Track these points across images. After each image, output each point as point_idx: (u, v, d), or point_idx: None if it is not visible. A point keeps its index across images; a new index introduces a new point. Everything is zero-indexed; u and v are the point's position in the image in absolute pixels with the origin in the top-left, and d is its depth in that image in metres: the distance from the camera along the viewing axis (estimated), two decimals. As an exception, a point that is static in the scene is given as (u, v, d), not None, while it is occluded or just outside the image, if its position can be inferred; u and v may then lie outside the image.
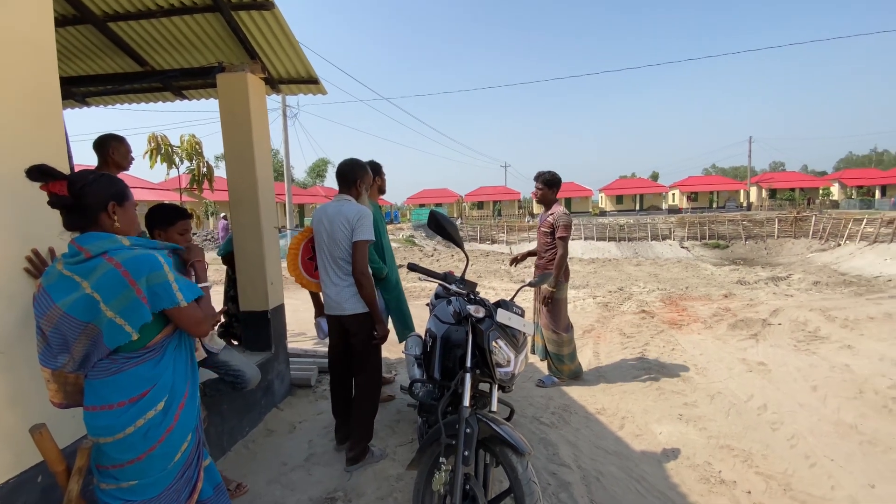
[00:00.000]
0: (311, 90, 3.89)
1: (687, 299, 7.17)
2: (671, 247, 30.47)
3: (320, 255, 2.59)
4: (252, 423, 3.27)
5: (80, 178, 1.48)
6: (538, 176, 3.92)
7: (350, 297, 2.52)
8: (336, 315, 2.61)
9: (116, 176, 1.62)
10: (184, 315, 1.55)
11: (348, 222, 2.46)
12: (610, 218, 39.61)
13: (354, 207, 2.51)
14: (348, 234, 2.48)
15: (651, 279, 10.20)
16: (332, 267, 2.54)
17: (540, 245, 3.99)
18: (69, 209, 1.46)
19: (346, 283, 2.53)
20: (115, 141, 3.06)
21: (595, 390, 3.83)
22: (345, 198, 2.59)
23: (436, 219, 2.03)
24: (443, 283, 2.09)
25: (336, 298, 2.54)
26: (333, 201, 2.60)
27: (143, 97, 4.07)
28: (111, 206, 1.50)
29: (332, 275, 2.55)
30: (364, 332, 2.60)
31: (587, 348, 4.93)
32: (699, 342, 5.00)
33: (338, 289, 2.53)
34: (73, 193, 1.45)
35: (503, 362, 1.94)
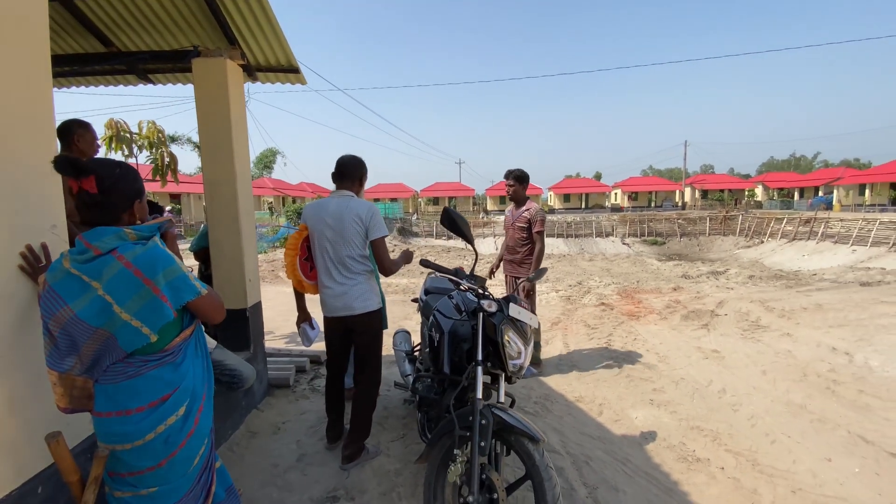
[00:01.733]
0: (290, 79, 3.75)
1: (640, 292, 7.64)
2: (614, 243, 32.14)
3: (321, 255, 2.52)
4: (233, 425, 3.14)
5: (107, 173, 1.37)
6: (509, 173, 4.06)
7: (359, 295, 2.49)
8: (341, 316, 2.55)
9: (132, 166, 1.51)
10: (206, 302, 1.49)
11: (361, 220, 2.42)
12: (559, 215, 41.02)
13: (364, 204, 2.48)
14: (362, 232, 2.44)
15: (604, 274, 10.74)
16: (338, 267, 2.48)
17: (513, 241, 4.11)
18: (94, 205, 1.35)
19: (353, 282, 2.49)
20: (80, 128, 2.84)
21: (570, 379, 4.02)
22: (346, 194, 2.55)
23: (449, 216, 2.05)
24: (454, 278, 2.12)
25: (343, 299, 2.49)
26: (334, 198, 2.54)
27: (104, 80, 3.75)
28: (136, 204, 1.42)
29: (336, 275, 2.49)
30: (373, 330, 2.58)
31: (557, 340, 5.14)
32: (657, 332, 5.36)
33: (344, 288, 2.49)
34: (101, 190, 1.34)
35: (515, 354, 2.01)
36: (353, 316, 2.53)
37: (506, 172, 4.10)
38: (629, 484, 2.50)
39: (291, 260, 2.56)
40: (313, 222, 2.53)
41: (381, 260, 2.45)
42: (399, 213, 36.74)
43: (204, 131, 3.23)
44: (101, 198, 1.34)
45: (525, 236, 4.03)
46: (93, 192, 1.32)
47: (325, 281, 2.54)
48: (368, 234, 2.45)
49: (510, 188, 4.07)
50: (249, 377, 2.41)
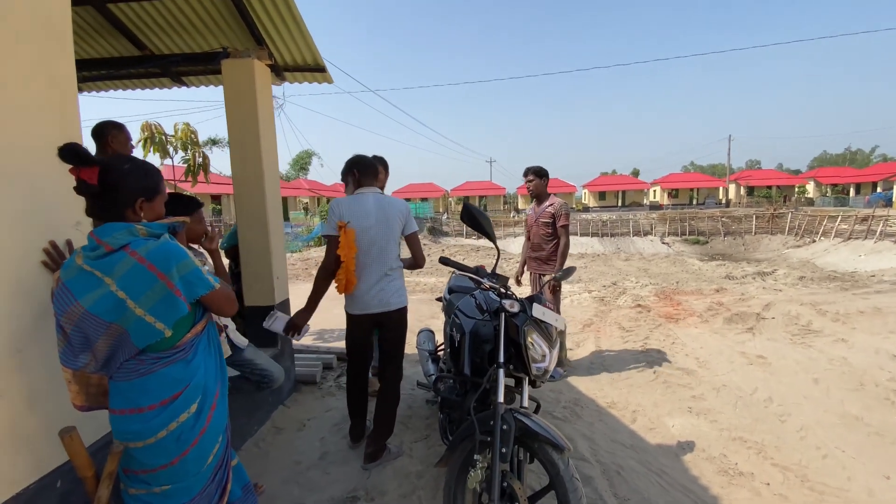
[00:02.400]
0: (316, 79, 3.77)
1: (680, 294, 7.29)
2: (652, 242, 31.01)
3: (367, 252, 2.46)
4: (260, 421, 3.18)
5: (113, 166, 1.38)
6: (528, 170, 3.96)
7: (396, 291, 2.52)
8: (373, 313, 2.51)
9: (155, 167, 1.52)
10: (219, 296, 1.48)
11: (402, 215, 2.49)
12: (593, 214, 40.05)
13: (401, 200, 2.54)
14: (401, 227, 2.50)
15: (641, 274, 10.34)
16: (383, 262, 2.48)
17: (537, 237, 4.01)
18: (95, 197, 1.36)
19: (392, 277, 2.54)
20: (114, 129, 2.93)
21: (602, 383, 3.85)
22: (376, 190, 2.55)
23: (470, 212, 1.98)
24: (475, 277, 2.05)
25: (381, 295, 2.48)
26: (368, 194, 2.50)
27: (139, 83, 3.89)
28: (139, 202, 1.41)
29: (378, 271, 2.48)
30: (404, 325, 2.61)
31: (589, 342, 4.96)
32: (697, 336, 5.08)
33: (383, 284, 2.48)
34: (102, 182, 1.35)
35: (538, 357, 1.91)
36: (389, 312, 2.51)
37: (525, 169, 4.00)
38: (664, 497, 2.34)
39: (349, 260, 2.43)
40: (357, 219, 2.45)
41: (416, 253, 2.52)
42: (429, 212, 36.88)
43: (233, 131, 3.29)
44: (101, 190, 1.34)
45: (550, 232, 3.93)
46: (91, 182, 1.32)
47: (366, 277, 2.48)
48: (405, 229, 2.50)
49: (530, 184, 3.98)
50: (279, 377, 2.42)
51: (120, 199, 1.38)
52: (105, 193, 1.36)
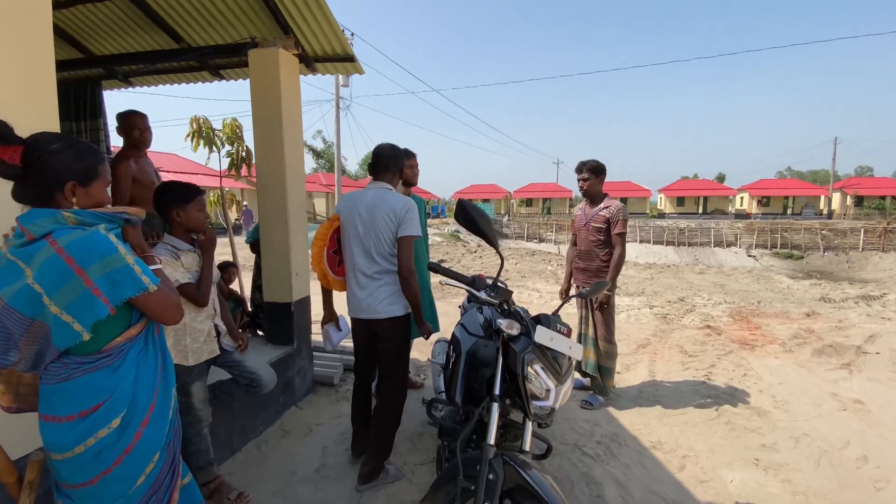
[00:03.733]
0: (347, 69, 3.62)
1: (760, 315, 6.34)
2: (736, 254, 28.23)
3: (350, 250, 2.29)
4: (267, 421, 3.07)
5: (39, 144, 1.24)
6: (581, 166, 3.44)
7: (385, 297, 2.23)
8: (365, 319, 2.30)
9: (93, 146, 1.38)
10: (154, 300, 1.29)
11: (395, 214, 2.18)
12: (669, 221, 37.37)
13: (400, 198, 2.23)
14: (393, 228, 2.20)
15: (716, 290, 9.24)
16: (366, 263, 2.24)
17: (586, 244, 3.49)
18: (18, 179, 1.23)
19: (380, 282, 2.24)
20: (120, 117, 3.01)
21: (650, 417, 3.32)
22: (384, 186, 2.30)
23: (464, 209, 1.66)
24: (469, 289, 1.73)
25: (368, 300, 2.24)
26: (371, 189, 2.30)
27: (182, 77, 3.99)
28: (69, 186, 1.25)
29: (364, 273, 2.25)
30: (397, 337, 2.31)
31: (641, 365, 4.38)
32: (777, 368, 4.31)
33: (370, 289, 2.23)
34: (25, 163, 1.21)
35: (540, 393, 1.55)
36: (378, 320, 2.26)
37: (578, 165, 3.49)
38: (707, 579, 1.86)
39: (318, 250, 2.36)
40: (346, 213, 2.31)
41: (401, 258, 2.15)
42: (490, 213, 36.38)
43: (257, 123, 3.21)
44: (22, 171, 1.19)
45: (601, 239, 3.40)
46: (12, 163, 1.17)
47: (351, 278, 2.31)
48: (399, 230, 2.18)
49: (583, 182, 3.45)
50: (268, 383, 2.26)
51: (46, 181, 1.24)
52: (29, 175, 1.22)
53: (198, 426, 2.16)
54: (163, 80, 4.05)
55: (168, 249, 2.02)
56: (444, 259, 12.05)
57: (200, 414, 2.15)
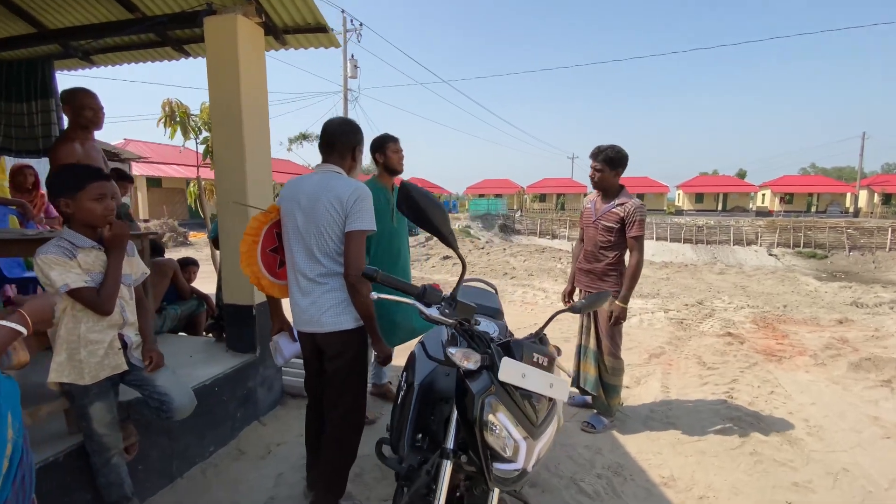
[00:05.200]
0: (321, 41, 3.21)
1: (787, 322, 5.79)
2: (757, 253, 27.28)
3: (289, 248, 1.89)
4: (220, 440, 2.70)
5: None
6: (596, 152, 2.95)
7: (331, 306, 1.81)
8: (309, 332, 1.91)
9: None
10: None
11: (340, 204, 1.75)
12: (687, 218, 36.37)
13: (349, 184, 1.78)
14: (339, 220, 1.77)
15: (738, 292, 8.64)
16: (308, 264, 1.83)
17: (593, 244, 3.01)
18: None
19: (325, 287, 1.82)
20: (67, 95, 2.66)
21: (661, 444, 2.87)
22: (332, 169, 1.87)
23: (409, 196, 1.21)
24: (415, 304, 1.30)
25: (311, 310, 1.83)
26: (316, 173, 1.89)
27: (145, 54, 3.63)
28: None
29: (304, 275, 1.84)
30: (347, 356, 1.88)
31: (654, 379, 3.91)
32: (809, 385, 3.80)
33: (314, 296, 1.82)
34: None
35: (504, 451, 1.13)
36: (322, 334, 1.85)
37: (593, 150, 2.98)
38: None
39: (248, 248, 1.95)
40: (286, 203, 1.90)
41: (348, 260, 1.73)
42: (502, 209, 35.76)
43: (214, 102, 2.83)
44: None
45: (612, 239, 2.92)
46: None
47: (293, 282, 1.90)
48: (347, 223, 1.75)
49: (596, 173, 2.94)
50: (181, 407, 1.88)
51: None
52: None
53: (105, 455, 1.80)
54: (126, 58, 3.69)
55: (61, 247, 1.65)
56: (450, 255, 11.62)
57: (106, 440, 1.79)
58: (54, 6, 3.16)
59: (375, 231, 1.80)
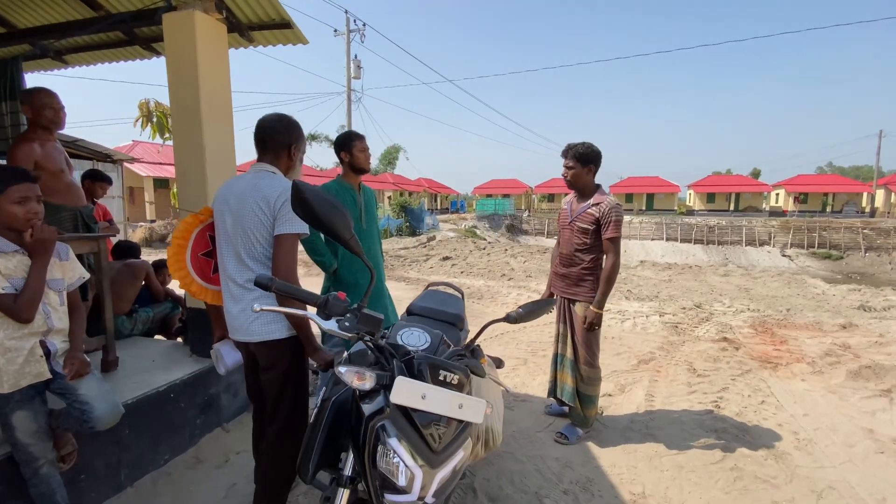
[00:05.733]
0: (287, 38, 3.13)
1: (788, 327, 5.57)
2: (770, 254, 26.77)
3: (220, 252, 1.80)
4: (176, 448, 2.62)
5: None
6: (566, 149, 2.83)
7: (259, 315, 1.71)
8: (239, 341, 1.82)
9: None
10: None
11: (268, 205, 1.64)
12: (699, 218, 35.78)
13: (279, 184, 1.67)
14: (266, 223, 1.66)
15: (740, 294, 8.39)
16: (237, 269, 1.73)
17: (568, 247, 2.87)
18: None
19: (254, 294, 1.71)
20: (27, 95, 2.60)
21: (637, 457, 2.73)
22: (265, 168, 1.77)
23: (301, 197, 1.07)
24: (310, 315, 1.18)
25: (241, 318, 1.73)
26: (249, 172, 1.79)
27: (116, 54, 3.59)
28: None
29: (234, 281, 1.75)
30: (279, 368, 1.77)
31: (639, 386, 3.76)
32: (803, 394, 3.62)
33: (244, 303, 1.72)
34: None
35: (398, 481, 1.02)
36: (254, 344, 1.76)
37: (565, 147, 2.86)
38: None
39: (176, 252, 1.86)
40: (217, 205, 1.81)
41: (276, 265, 1.63)
42: (510, 209, 35.53)
43: (173, 101, 2.76)
44: None
45: (588, 242, 2.79)
46: None
47: (224, 288, 1.81)
48: (276, 226, 1.65)
49: (568, 171, 2.83)
50: (102, 416, 1.79)
51: None
52: None
53: (33, 465, 1.73)
54: (98, 58, 3.66)
55: None
56: (449, 256, 11.51)
57: (32, 450, 1.72)
58: (21, 5, 3.12)
59: (308, 234, 1.70)
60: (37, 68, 3.78)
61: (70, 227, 2.87)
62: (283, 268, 1.61)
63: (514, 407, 3.33)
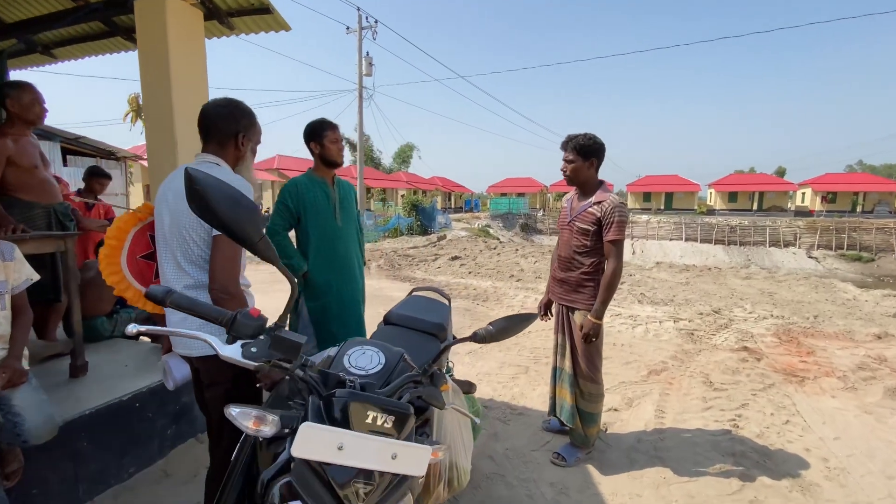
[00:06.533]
0: (269, 24, 2.94)
1: (815, 335, 5.18)
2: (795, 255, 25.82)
3: (160, 255, 1.61)
4: (143, 461, 2.46)
5: None
6: (566, 141, 2.56)
7: (199, 326, 1.51)
8: (184, 354, 1.63)
9: None
10: None
11: None
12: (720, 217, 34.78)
13: (222, 176, 1.47)
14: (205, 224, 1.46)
15: (764, 299, 7.95)
16: (174, 274, 1.54)
17: (567, 249, 2.61)
18: None
19: None
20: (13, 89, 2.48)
21: (643, 484, 2.46)
22: (208, 159, 1.57)
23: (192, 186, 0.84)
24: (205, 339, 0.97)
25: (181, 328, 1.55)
26: (191, 165, 1.59)
27: (101, 46, 3.47)
28: None
29: (173, 286, 1.56)
30: (221, 386, 1.57)
31: (649, 400, 3.47)
32: (834, 414, 3.28)
33: (182, 314, 1.54)
34: None
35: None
36: (195, 357, 1.57)
37: (565, 139, 2.57)
38: None
39: (109, 253, 1.67)
40: (157, 202, 1.61)
41: (213, 270, 1.43)
42: (524, 208, 35.06)
43: (144, 93, 2.60)
44: None
45: (588, 244, 2.52)
46: None
47: None
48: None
49: (567, 165, 2.54)
50: (34, 430, 1.63)
51: None
52: None
53: None
54: (84, 51, 3.55)
55: None
56: (458, 256, 11.26)
57: None
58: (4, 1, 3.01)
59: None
60: (27, 64, 3.69)
61: (42, 225, 2.74)
62: (219, 274, 1.40)
63: (510, 421, 3.09)
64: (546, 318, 2.84)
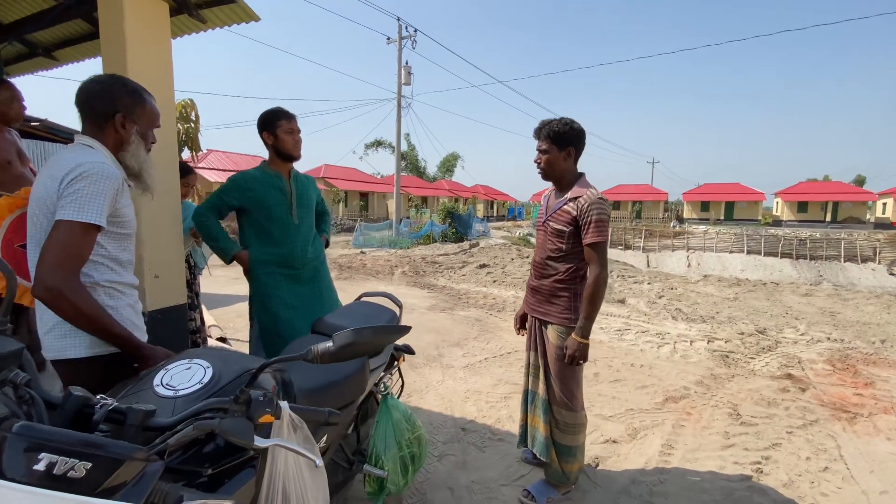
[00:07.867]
0: (238, 15, 2.84)
1: (878, 364, 4.40)
2: (874, 272, 23.13)
3: (30, 247, 1.48)
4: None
5: None
6: (539, 127, 2.21)
7: (53, 326, 1.37)
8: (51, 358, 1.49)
9: None
10: None
11: (55, 183, 1.28)
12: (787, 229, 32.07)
13: (76, 159, 1.30)
14: (52, 206, 1.29)
15: (823, 319, 7.00)
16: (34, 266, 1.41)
17: (542, 253, 2.26)
18: None
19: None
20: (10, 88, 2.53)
21: (627, 536, 2.05)
22: (82, 141, 1.41)
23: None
24: None
25: (41, 327, 1.41)
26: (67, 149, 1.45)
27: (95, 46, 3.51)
28: None
29: None
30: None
31: (658, 432, 3.00)
32: (885, 460, 2.69)
33: (41, 309, 1.39)
34: None
35: None
36: (55, 362, 1.41)
37: (538, 125, 2.21)
38: None
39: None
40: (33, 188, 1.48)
41: (40, 260, 1.25)
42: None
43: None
44: None
45: (563, 247, 2.15)
46: None
47: None
48: (56, 211, 1.27)
49: (541, 155, 2.19)
50: None
51: None
52: None
53: None
54: (83, 53, 3.64)
55: None
56: (487, 264, 10.90)
57: None
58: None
59: (103, 227, 1.31)
60: (32, 69, 3.84)
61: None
62: (47, 263, 1.23)
63: (487, 447, 2.75)
64: (521, 333, 2.50)
